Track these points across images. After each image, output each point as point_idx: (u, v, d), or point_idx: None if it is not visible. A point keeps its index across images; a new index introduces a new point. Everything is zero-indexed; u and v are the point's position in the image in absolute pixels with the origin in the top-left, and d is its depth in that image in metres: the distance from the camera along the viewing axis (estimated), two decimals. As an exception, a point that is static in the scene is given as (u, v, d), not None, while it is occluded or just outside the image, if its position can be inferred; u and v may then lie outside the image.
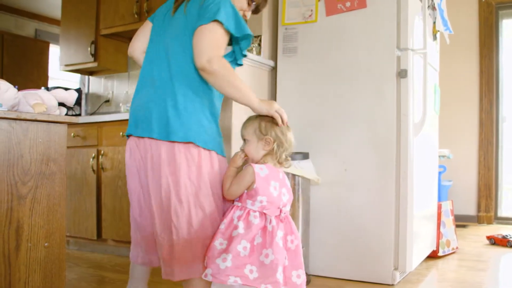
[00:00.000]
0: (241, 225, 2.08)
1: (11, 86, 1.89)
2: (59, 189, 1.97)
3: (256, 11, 2.49)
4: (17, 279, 1.81)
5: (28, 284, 1.85)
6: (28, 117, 1.84)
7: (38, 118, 1.87)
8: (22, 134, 1.84)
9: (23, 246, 1.84)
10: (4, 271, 1.77)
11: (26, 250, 1.85)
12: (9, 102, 1.85)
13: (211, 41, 2.13)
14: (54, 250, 1.96)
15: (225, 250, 2.04)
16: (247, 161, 2.21)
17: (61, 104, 2.11)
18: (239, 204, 2.15)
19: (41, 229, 1.90)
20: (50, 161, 1.93)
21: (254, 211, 2.12)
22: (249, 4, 2.42)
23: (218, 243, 2.08)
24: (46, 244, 1.92)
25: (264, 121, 2.18)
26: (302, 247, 2.95)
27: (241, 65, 2.34)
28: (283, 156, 2.18)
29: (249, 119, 2.24)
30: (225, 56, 2.21)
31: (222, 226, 2.11)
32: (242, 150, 2.20)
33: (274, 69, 3.58)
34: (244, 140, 2.22)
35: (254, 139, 2.18)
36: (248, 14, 2.47)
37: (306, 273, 3.04)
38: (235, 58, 2.31)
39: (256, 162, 2.17)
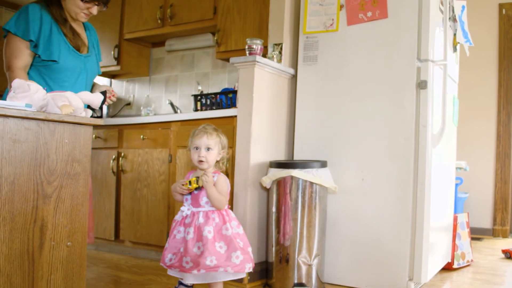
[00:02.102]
0: (228, 225, 2.53)
1: (40, 87, 1.94)
2: (83, 190, 2.01)
3: (100, 2, 2.71)
4: (40, 276, 1.84)
5: (50, 282, 1.88)
6: (55, 118, 1.87)
7: (65, 120, 1.90)
8: (49, 135, 1.87)
9: (47, 244, 1.87)
10: (28, 268, 1.80)
11: (49, 249, 1.88)
12: (38, 103, 1.89)
13: (5, 53, 2.56)
14: (76, 249, 1.98)
15: (231, 249, 2.48)
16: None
17: (87, 106, 2.16)
18: (213, 208, 2.55)
19: (64, 228, 1.93)
20: (74, 162, 1.97)
21: (225, 210, 2.59)
22: (83, 1, 2.66)
23: (219, 246, 2.47)
24: (68, 243, 1.95)
25: (223, 134, 2.65)
26: (318, 255, 3.01)
27: (54, 60, 2.61)
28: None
29: (210, 131, 2.61)
30: (36, 58, 2.59)
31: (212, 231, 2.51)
32: (204, 171, 2.58)
33: (294, 77, 3.61)
34: (208, 148, 2.56)
35: (216, 149, 2.58)
36: (94, 10, 2.73)
37: (321, 281, 3.08)
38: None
39: (202, 168, 2.60)
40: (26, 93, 1.87)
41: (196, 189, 2.55)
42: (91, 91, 2.91)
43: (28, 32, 2.53)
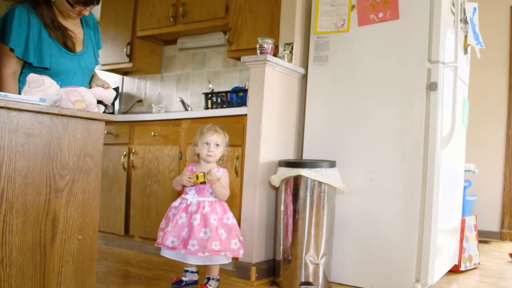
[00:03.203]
0: (228, 215, 2.91)
1: (54, 82, 1.97)
2: (94, 184, 2.03)
3: (86, 2, 2.61)
4: (51, 269, 1.87)
5: (61, 274, 1.91)
6: (68, 113, 1.89)
7: (78, 115, 1.93)
8: (62, 129, 1.90)
9: (58, 237, 1.89)
10: (39, 260, 1.83)
11: (61, 242, 1.90)
12: (52, 98, 1.92)
13: None
14: (86, 243, 2.01)
15: (231, 237, 2.85)
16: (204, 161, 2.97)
17: (99, 102, 2.18)
18: (216, 199, 2.91)
19: (76, 222, 1.96)
20: (87, 157, 1.99)
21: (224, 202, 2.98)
22: (70, 3, 2.58)
23: (220, 233, 2.81)
24: (79, 237, 1.97)
25: (227, 134, 3.00)
26: (325, 254, 3.02)
27: (46, 68, 2.57)
28: None
29: (218, 130, 2.95)
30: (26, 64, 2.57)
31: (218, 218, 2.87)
32: (209, 170, 2.89)
33: (304, 77, 3.62)
34: (216, 144, 2.91)
35: (222, 146, 2.95)
36: (85, 11, 2.66)
37: (328, 280, 3.09)
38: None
39: (209, 161, 2.95)
40: (40, 88, 1.91)
41: (201, 183, 2.88)
42: (89, 83, 2.89)
43: (14, 40, 2.48)
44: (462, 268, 3.76)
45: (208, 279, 2.96)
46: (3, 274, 1.70)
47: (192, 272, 3.06)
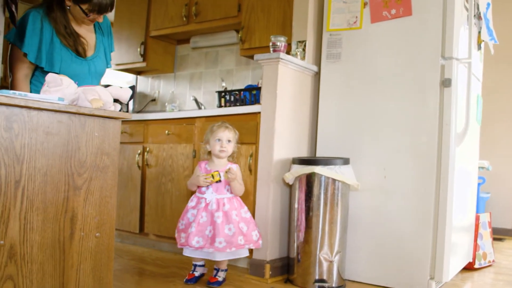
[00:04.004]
0: (245, 209, 3.03)
1: (72, 82, 2.00)
2: (111, 182, 2.06)
3: (100, 11, 2.65)
4: (70, 265, 1.90)
5: (79, 271, 1.94)
6: (86, 112, 1.92)
7: (95, 113, 1.96)
8: (80, 128, 1.93)
9: (77, 234, 1.93)
10: (59, 257, 1.86)
11: (79, 239, 1.94)
12: (69, 97, 1.95)
13: (9, 60, 2.64)
14: (104, 240, 2.04)
15: (251, 229, 2.98)
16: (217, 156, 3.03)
17: (115, 100, 2.21)
18: (232, 195, 3.00)
19: (93, 219, 1.99)
20: (104, 155, 2.02)
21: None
22: (84, 12, 2.63)
23: (240, 226, 2.93)
24: (97, 234, 2.00)
25: (237, 131, 3.09)
26: (339, 252, 3.03)
27: (56, 73, 2.58)
28: None
29: (229, 126, 3.04)
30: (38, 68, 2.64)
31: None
32: (229, 169, 2.97)
33: (317, 74, 3.63)
34: (228, 140, 2.99)
35: (234, 141, 3.04)
36: (99, 18, 2.72)
37: (342, 278, 3.10)
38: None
39: (221, 157, 3.03)
40: (59, 87, 1.94)
41: (217, 181, 2.95)
42: None
43: (27, 45, 2.55)
44: (476, 266, 3.75)
45: (217, 270, 3.08)
46: (25, 270, 1.73)
47: (201, 266, 3.14)
